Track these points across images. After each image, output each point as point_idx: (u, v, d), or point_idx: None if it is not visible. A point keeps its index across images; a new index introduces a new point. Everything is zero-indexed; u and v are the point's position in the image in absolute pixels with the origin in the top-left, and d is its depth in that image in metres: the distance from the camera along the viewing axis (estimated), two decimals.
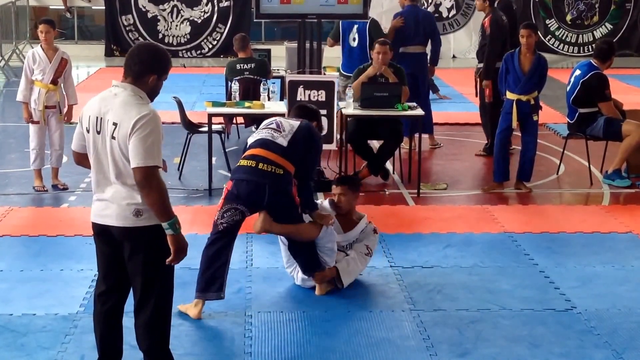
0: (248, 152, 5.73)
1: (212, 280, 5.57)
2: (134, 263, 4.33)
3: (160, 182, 4.18)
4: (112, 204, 4.27)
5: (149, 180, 4.14)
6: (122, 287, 4.48)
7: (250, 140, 5.82)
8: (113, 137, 4.20)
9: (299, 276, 6.09)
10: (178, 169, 9.20)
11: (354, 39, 10.34)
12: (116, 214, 4.26)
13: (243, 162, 5.69)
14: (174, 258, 4.26)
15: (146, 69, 4.26)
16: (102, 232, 4.37)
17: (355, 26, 10.44)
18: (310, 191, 5.87)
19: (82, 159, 4.48)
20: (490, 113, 10.10)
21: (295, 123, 5.80)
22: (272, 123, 5.81)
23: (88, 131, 4.30)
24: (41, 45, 8.57)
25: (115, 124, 4.18)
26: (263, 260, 6.55)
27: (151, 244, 4.28)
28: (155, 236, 4.26)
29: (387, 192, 8.74)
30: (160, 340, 4.47)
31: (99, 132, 4.25)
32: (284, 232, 5.86)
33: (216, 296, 5.60)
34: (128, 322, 4.55)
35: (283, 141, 5.67)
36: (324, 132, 8.30)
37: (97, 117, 4.26)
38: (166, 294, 4.42)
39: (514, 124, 8.61)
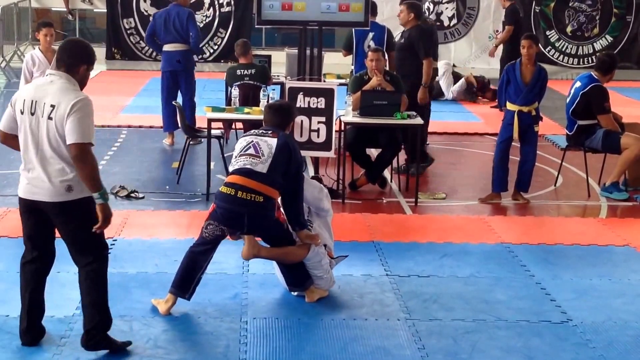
0: (228, 179, 5.78)
1: (186, 282, 5.74)
2: (68, 232, 4.95)
3: (93, 157, 4.78)
4: (43, 182, 4.83)
5: (84, 155, 4.74)
6: (49, 252, 5.10)
7: (231, 168, 5.83)
8: (50, 118, 4.77)
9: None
10: (177, 174, 9.20)
11: (369, 47, 10.39)
12: (49, 191, 4.84)
13: (223, 189, 5.74)
14: (101, 225, 4.87)
15: (78, 60, 4.89)
16: (30, 206, 4.95)
17: (371, 34, 10.63)
18: (297, 209, 5.85)
19: (8, 139, 5.05)
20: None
21: (273, 142, 5.76)
22: (250, 147, 5.77)
23: (22, 113, 4.86)
24: (39, 48, 8.59)
25: (52, 106, 4.76)
26: (259, 266, 6.55)
27: (82, 214, 4.89)
28: (85, 207, 4.88)
29: (384, 201, 8.74)
30: (101, 294, 5.07)
31: (33, 114, 4.81)
32: (271, 256, 5.96)
33: (183, 297, 5.76)
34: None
35: (263, 167, 5.67)
36: (322, 139, 8.30)
37: (32, 101, 4.83)
38: (101, 253, 5.04)
39: (515, 135, 8.63)
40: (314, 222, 6.13)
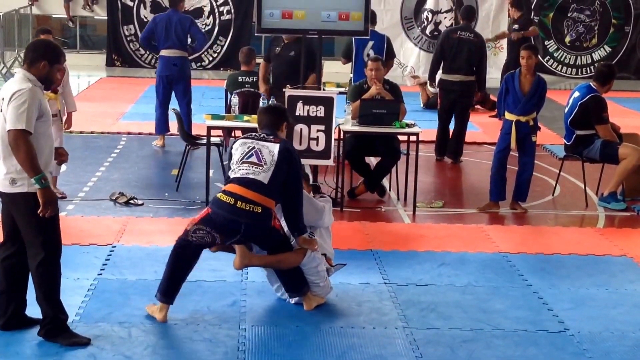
0: (227, 188, 5.73)
1: (174, 288, 5.73)
2: (19, 222, 5.11)
3: (28, 144, 4.91)
4: (1, 171, 5.08)
5: (17, 142, 4.91)
6: (18, 238, 5.20)
7: (232, 174, 5.79)
8: (0, 110, 5.02)
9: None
10: (176, 181, 9.22)
11: (368, 55, 10.44)
12: (1, 181, 5.07)
13: (222, 197, 5.70)
14: (43, 209, 4.94)
15: (38, 56, 5.11)
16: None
17: (371, 42, 10.69)
18: (296, 215, 5.84)
19: None
20: (442, 122, 11.05)
21: (275, 148, 5.75)
22: (252, 155, 5.75)
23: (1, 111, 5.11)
24: None
25: (3, 99, 5.02)
26: (258, 274, 6.56)
27: (27, 207, 5.01)
28: (30, 201, 4.98)
29: (382, 209, 8.77)
30: (49, 291, 5.15)
31: (1, 111, 5.05)
32: (264, 264, 5.96)
33: (169, 303, 5.74)
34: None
35: (265, 177, 5.66)
36: (322, 147, 8.32)
37: (1, 98, 5.08)
38: (48, 252, 5.08)
39: (513, 144, 8.66)
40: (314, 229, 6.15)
